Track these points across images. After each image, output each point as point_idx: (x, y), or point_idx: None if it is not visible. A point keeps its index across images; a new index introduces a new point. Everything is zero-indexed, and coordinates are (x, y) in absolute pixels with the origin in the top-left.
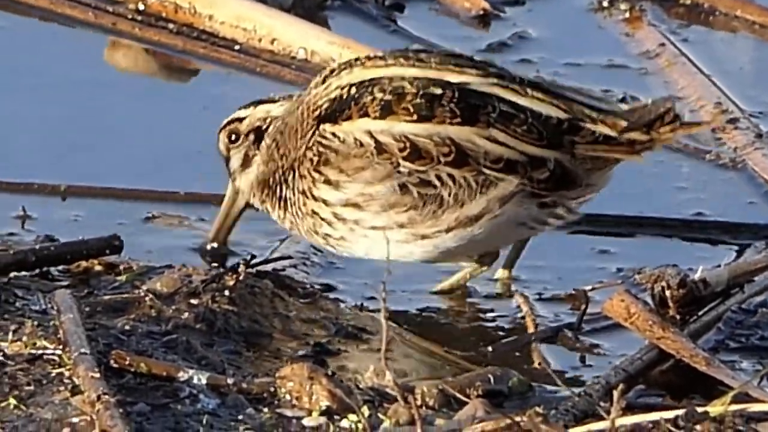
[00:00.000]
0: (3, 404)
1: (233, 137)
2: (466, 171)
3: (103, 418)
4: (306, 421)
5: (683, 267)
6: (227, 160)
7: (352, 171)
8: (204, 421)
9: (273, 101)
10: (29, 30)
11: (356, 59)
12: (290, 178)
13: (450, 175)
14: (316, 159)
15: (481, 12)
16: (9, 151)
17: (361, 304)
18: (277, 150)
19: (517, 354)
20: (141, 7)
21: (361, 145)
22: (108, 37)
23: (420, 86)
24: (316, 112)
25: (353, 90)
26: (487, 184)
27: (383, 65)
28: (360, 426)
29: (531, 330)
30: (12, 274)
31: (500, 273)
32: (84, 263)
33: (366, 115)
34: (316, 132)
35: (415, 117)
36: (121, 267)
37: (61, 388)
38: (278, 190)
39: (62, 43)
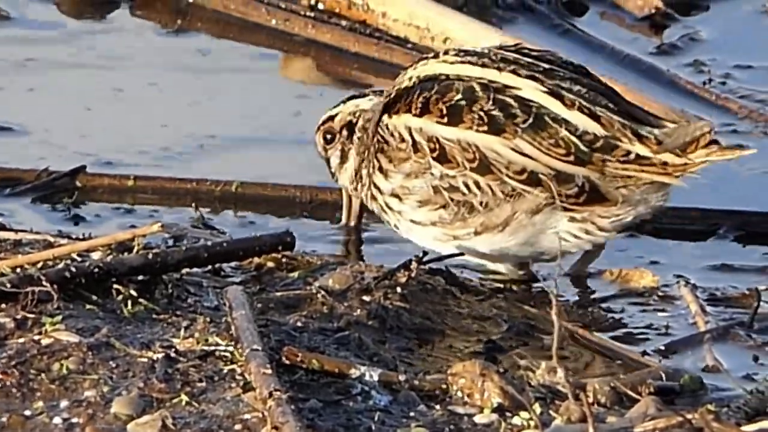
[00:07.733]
0: (175, 400)
1: (329, 137)
2: (490, 179)
3: (275, 415)
4: (477, 419)
5: None
6: (327, 161)
7: (397, 162)
8: (376, 418)
9: (363, 95)
10: (205, 31)
11: (446, 51)
12: (366, 159)
13: (476, 182)
14: (377, 146)
15: (653, 11)
16: (180, 150)
17: (533, 302)
18: (366, 137)
19: (689, 352)
20: (313, 2)
21: (403, 140)
22: (280, 56)
23: (464, 88)
24: (385, 100)
25: (414, 84)
26: (514, 195)
27: (456, 62)
28: (531, 423)
29: (702, 328)
30: (184, 271)
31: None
32: (256, 260)
33: (409, 111)
34: (380, 120)
35: (445, 120)
36: (294, 263)
37: (233, 385)
38: (364, 174)
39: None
